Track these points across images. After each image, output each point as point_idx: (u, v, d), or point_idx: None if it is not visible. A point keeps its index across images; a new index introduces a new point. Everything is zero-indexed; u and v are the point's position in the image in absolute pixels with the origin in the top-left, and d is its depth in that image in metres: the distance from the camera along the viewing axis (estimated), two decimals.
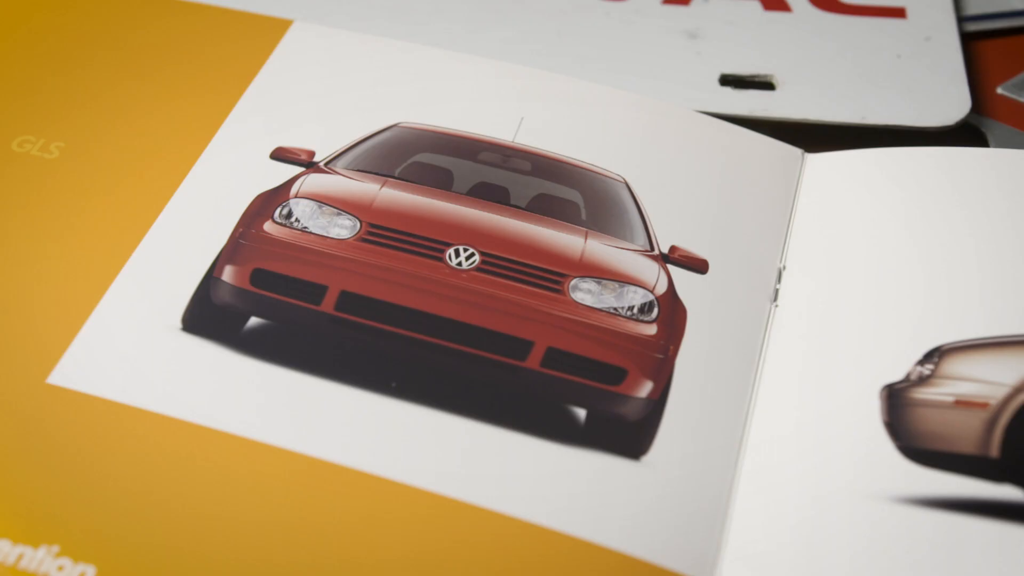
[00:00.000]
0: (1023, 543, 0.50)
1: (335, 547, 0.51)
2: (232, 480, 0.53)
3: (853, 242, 0.63)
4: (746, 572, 0.51)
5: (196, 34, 0.73)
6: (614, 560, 0.51)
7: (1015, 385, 0.54)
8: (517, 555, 0.52)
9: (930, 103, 0.70)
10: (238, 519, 0.52)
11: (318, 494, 0.53)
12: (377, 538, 0.52)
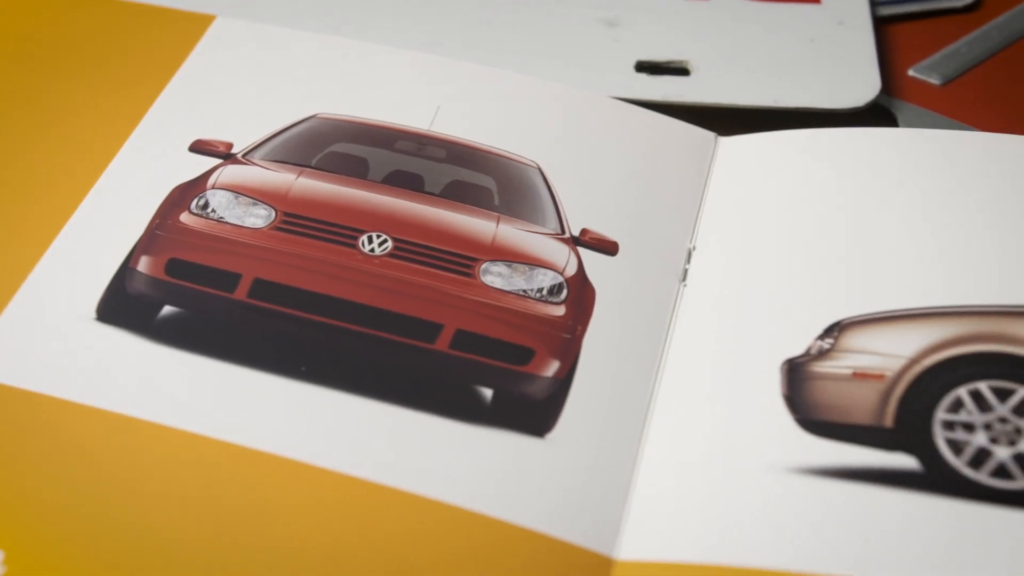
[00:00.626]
0: (916, 509, 0.52)
1: (250, 530, 0.52)
2: (145, 466, 0.54)
3: (763, 222, 0.64)
4: (648, 545, 0.52)
5: (115, 29, 0.73)
6: (517, 535, 0.52)
7: (911, 357, 0.55)
8: (425, 533, 0.52)
9: (841, 85, 0.71)
10: (151, 503, 0.53)
11: (232, 478, 0.54)
12: (292, 520, 0.52)
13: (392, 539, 0.53)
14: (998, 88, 0.73)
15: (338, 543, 0.52)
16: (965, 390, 0.54)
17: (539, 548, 0.52)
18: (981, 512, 0.51)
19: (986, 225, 0.63)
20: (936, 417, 0.54)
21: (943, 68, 0.74)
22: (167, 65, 0.72)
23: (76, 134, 0.68)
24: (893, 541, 0.51)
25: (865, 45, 0.73)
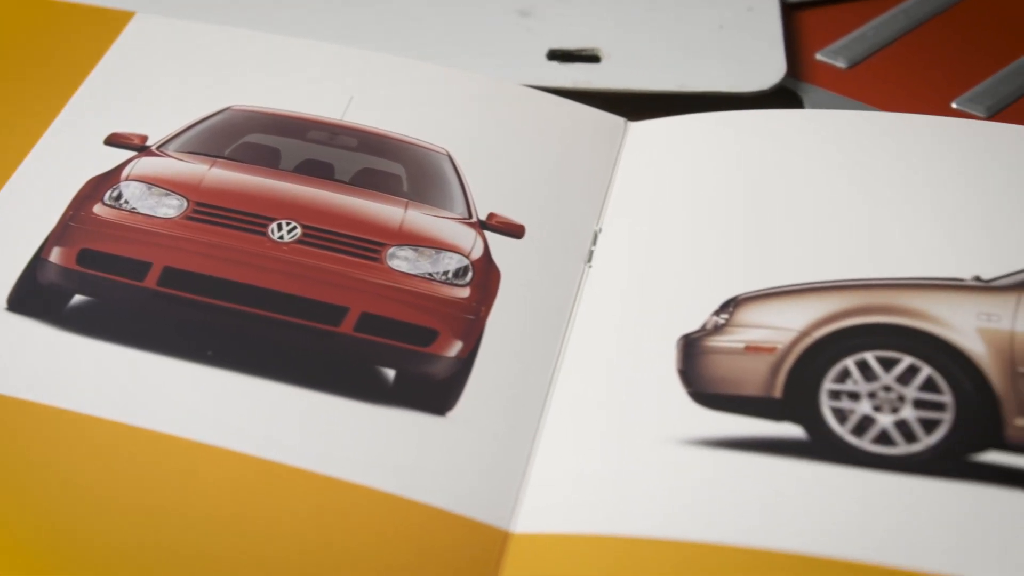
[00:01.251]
0: (804, 475, 0.53)
1: (157, 510, 0.53)
2: (54, 452, 0.55)
3: (669, 203, 0.66)
4: (544, 518, 0.53)
5: (33, 25, 0.74)
6: (417, 511, 0.53)
7: (802, 330, 0.57)
8: (329, 511, 0.53)
9: (748, 70, 0.73)
10: (59, 489, 0.53)
11: (140, 462, 0.55)
12: (200, 501, 0.53)
13: (298, 518, 0.53)
14: (901, 70, 0.75)
15: (246, 522, 0.53)
16: (852, 360, 0.56)
17: (437, 524, 0.53)
18: (865, 477, 0.53)
19: (885, 201, 0.65)
20: (823, 387, 0.55)
21: (849, 52, 0.76)
22: (85, 61, 0.73)
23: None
24: (783, 507, 0.52)
25: (772, 30, 0.75)
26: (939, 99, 0.73)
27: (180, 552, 0.52)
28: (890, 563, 0.50)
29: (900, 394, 0.55)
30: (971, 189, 0.65)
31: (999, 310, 0.56)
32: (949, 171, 0.66)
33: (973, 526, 0.51)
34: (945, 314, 0.56)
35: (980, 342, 0.55)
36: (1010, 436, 0.54)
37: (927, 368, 0.55)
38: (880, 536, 0.51)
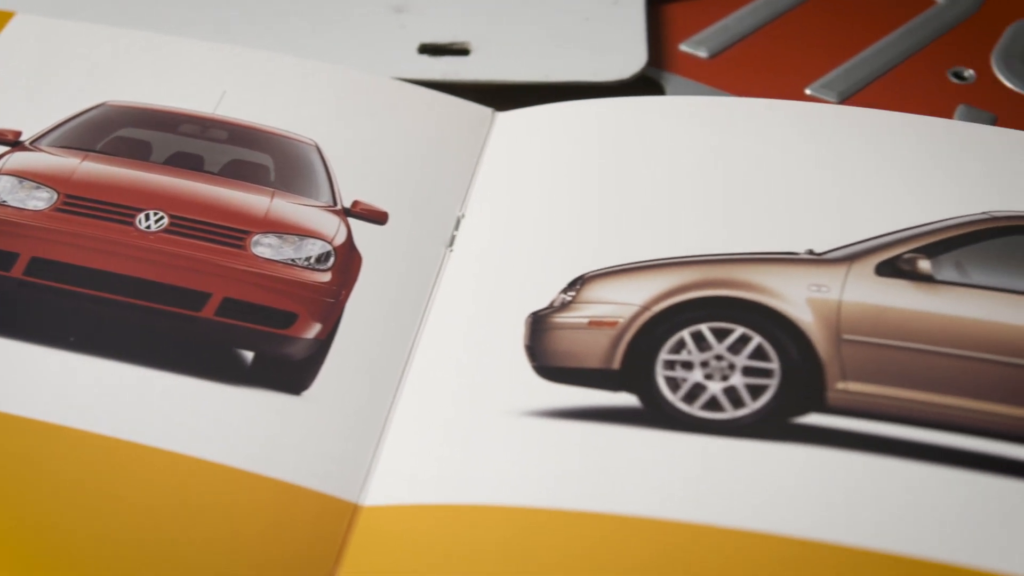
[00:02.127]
0: (637, 442, 0.55)
1: (16, 494, 0.55)
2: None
3: (530, 188, 0.68)
4: (394, 490, 0.55)
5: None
6: (271, 487, 0.55)
7: (643, 304, 0.59)
8: (186, 490, 0.55)
9: (611, 60, 0.75)
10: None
11: (9, 449, 0.56)
12: (64, 484, 0.55)
13: (155, 496, 0.55)
14: (759, 59, 0.78)
15: (105, 500, 0.55)
16: (688, 332, 0.58)
17: (287, 498, 0.55)
18: (695, 441, 0.55)
19: (740, 181, 0.67)
20: (659, 358, 0.58)
21: (710, 43, 0.78)
22: None
23: None
24: (619, 472, 0.54)
25: (636, 23, 0.77)
26: (794, 85, 0.76)
27: (28, 528, 0.54)
28: (721, 523, 0.53)
29: (731, 362, 0.58)
30: (821, 168, 0.68)
31: (828, 281, 0.59)
32: (800, 151, 0.68)
33: (796, 485, 0.53)
34: (777, 286, 0.59)
35: (808, 311, 0.58)
36: (831, 399, 0.57)
37: (757, 337, 0.58)
38: (710, 497, 0.53)
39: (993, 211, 0.63)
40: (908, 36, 0.79)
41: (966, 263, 0.60)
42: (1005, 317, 0.58)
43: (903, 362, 0.57)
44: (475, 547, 0.54)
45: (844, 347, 0.58)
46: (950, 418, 0.56)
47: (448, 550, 0.54)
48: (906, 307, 0.58)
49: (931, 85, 0.76)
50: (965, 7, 0.80)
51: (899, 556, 0.52)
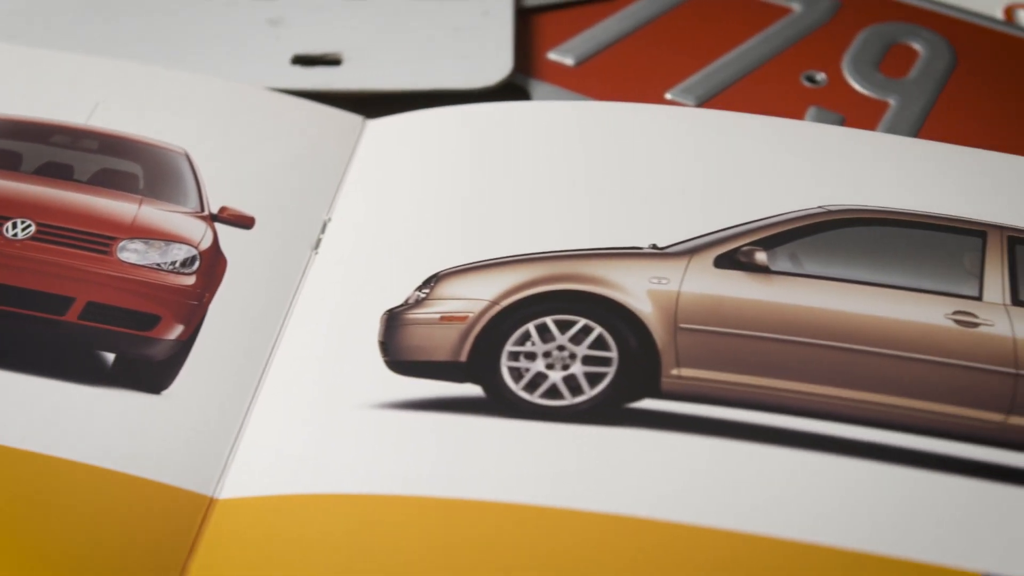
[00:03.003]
0: (481, 430, 0.57)
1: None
2: None
3: (395, 191, 0.70)
4: (250, 483, 0.57)
5: None
6: (126, 483, 0.57)
7: (492, 299, 0.61)
8: (47, 489, 0.57)
9: (478, 67, 0.78)
10: None
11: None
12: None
13: (16, 498, 0.57)
14: (623, 65, 0.80)
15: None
16: (533, 325, 0.61)
17: (146, 494, 0.57)
18: (536, 428, 0.58)
19: (602, 180, 0.69)
20: (504, 350, 0.60)
21: (577, 50, 0.81)
22: None
23: None
24: (469, 459, 0.56)
25: (503, 32, 0.80)
26: (655, 90, 0.79)
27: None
28: (565, 505, 0.55)
29: (572, 352, 0.60)
30: (677, 167, 0.70)
31: (669, 274, 0.62)
32: (659, 152, 0.71)
33: (634, 467, 0.56)
34: (619, 279, 0.61)
35: (648, 303, 0.61)
36: (665, 385, 0.59)
37: (598, 328, 0.60)
38: (556, 481, 0.55)
39: (829, 205, 0.66)
40: (765, 43, 0.82)
41: (801, 254, 0.63)
42: (834, 304, 0.61)
43: (736, 348, 0.60)
44: (326, 534, 0.55)
45: (680, 335, 0.60)
46: (780, 400, 0.59)
47: (300, 538, 0.55)
48: (741, 296, 0.61)
49: (785, 88, 0.79)
50: (820, 15, 0.84)
51: (736, 533, 0.54)
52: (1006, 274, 0.62)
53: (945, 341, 0.59)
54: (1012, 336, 0.60)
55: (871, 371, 0.59)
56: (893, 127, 0.76)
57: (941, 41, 0.82)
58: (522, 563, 0.54)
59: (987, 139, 0.75)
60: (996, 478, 0.55)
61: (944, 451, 0.57)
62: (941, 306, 0.61)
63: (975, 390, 0.58)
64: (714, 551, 0.53)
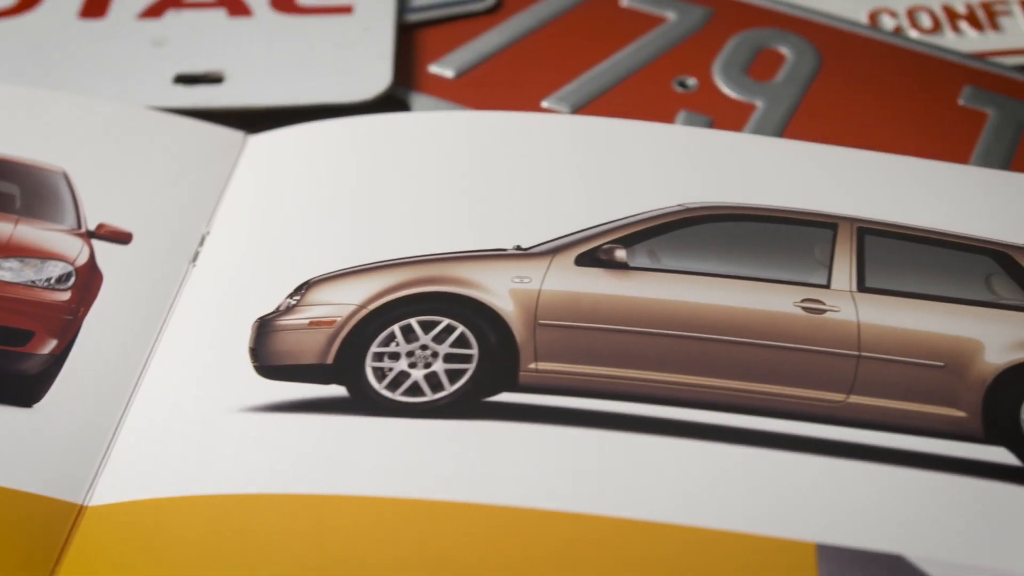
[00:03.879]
0: (344, 428, 0.59)
1: None
2: None
3: (274, 205, 0.71)
4: (120, 489, 0.58)
5: None
6: (1, 496, 0.58)
7: (359, 303, 0.63)
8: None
9: (358, 82, 0.80)
10: None
11: None
12: None
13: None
14: (501, 76, 0.82)
15: None
16: (398, 326, 0.62)
17: (16, 504, 0.58)
18: (400, 424, 0.59)
19: (479, 183, 0.71)
20: (369, 351, 0.62)
21: (457, 62, 0.83)
22: None
23: None
24: (337, 456, 0.58)
25: (384, 47, 0.82)
26: (532, 99, 0.81)
27: None
28: (426, 496, 0.56)
29: (434, 351, 0.62)
30: (549, 171, 0.72)
31: (531, 273, 0.64)
32: (533, 158, 0.73)
33: (491, 458, 0.57)
34: (483, 279, 0.63)
35: (510, 301, 0.63)
36: (523, 378, 0.61)
37: (460, 327, 0.62)
38: (415, 474, 0.57)
39: (688, 203, 0.68)
40: (639, 51, 0.84)
41: (659, 251, 0.65)
42: (688, 296, 0.63)
43: (592, 341, 0.62)
44: (194, 536, 0.56)
45: (539, 331, 0.62)
46: (633, 388, 0.61)
47: (168, 539, 0.56)
48: (600, 292, 0.63)
49: (657, 94, 0.81)
50: (693, 23, 0.87)
51: (590, 516, 0.56)
52: (854, 263, 0.65)
53: (792, 328, 0.62)
54: (856, 321, 0.62)
55: (721, 358, 0.61)
56: (759, 128, 0.79)
57: (807, 45, 0.85)
58: (390, 554, 0.55)
59: (849, 137, 0.77)
60: (833, 454, 0.57)
61: (784, 430, 0.59)
62: (790, 295, 0.63)
63: (819, 372, 0.61)
64: (571, 534, 0.54)
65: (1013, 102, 0.81)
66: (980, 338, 0.62)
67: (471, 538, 0.54)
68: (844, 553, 0.52)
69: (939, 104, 0.81)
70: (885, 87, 0.83)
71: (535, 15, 0.88)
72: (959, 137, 0.79)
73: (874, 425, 0.60)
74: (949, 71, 0.84)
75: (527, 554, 0.53)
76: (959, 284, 0.65)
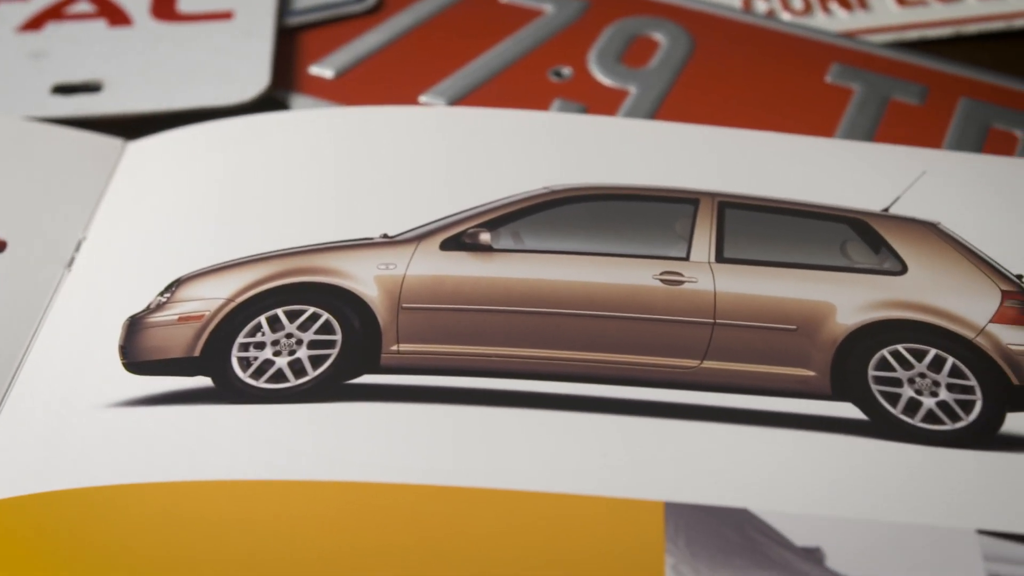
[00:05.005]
0: (213, 417, 0.60)
1: None
2: None
3: (150, 208, 0.72)
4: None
5: None
6: None
7: (227, 297, 0.64)
8: None
9: (237, 85, 0.80)
10: None
11: None
12: None
13: None
14: (380, 74, 0.84)
15: None
16: (264, 317, 0.63)
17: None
18: (266, 409, 0.60)
19: (354, 177, 0.72)
20: (236, 342, 0.62)
21: (337, 63, 0.84)
22: None
23: None
24: (201, 445, 0.58)
25: (262, 50, 0.83)
26: (410, 95, 0.82)
27: None
28: (291, 478, 0.57)
29: (299, 338, 0.63)
30: (422, 161, 0.73)
31: (396, 259, 0.65)
32: (404, 148, 0.74)
33: (350, 437, 0.58)
34: (348, 268, 0.64)
35: (375, 287, 0.64)
36: (384, 360, 0.62)
37: (325, 314, 0.63)
38: (265, 456, 0.57)
39: (553, 185, 0.69)
40: (516, 44, 0.86)
41: (524, 232, 0.66)
42: (550, 275, 0.64)
43: (453, 321, 0.63)
44: (66, 529, 0.57)
45: (403, 314, 0.63)
46: (491, 364, 0.62)
47: (38, 535, 0.57)
48: (463, 275, 0.64)
49: (533, 84, 0.83)
50: (570, 14, 0.88)
51: (451, 488, 0.57)
52: (714, 236, 0.66)
53: (650, 300, 0.63)
54: (713, 290, 0.64)
55: (578, 331, 0.62)
56: (631, 112, 0.80)
57: (681, 32, 0.87)
58: (248, 536, 0.56)
59: (719, 117, 0.79)
60: (685, 417, 0.59)
61: (640, 397, 0.61)
62: (650, 268, 0.65)
63: (675, 341, 0.62)
64: (430, 506, 0.55)
65: (878, 77, 0.84)
66: (833, 301, 0.64)
67: (329, 515, 0.55)
68: (691, 509, 0.54)
69: (807, 82, 0.83)
70: (756, 68, 0.85)
71: (415, 14, 0.89)
72: (825, 112, 0.81)
73: (727, 388, 0.61)
74: (818, 50, 0.86)
75: (386, 528, 0.54)
76: (816, 251, 0.67)
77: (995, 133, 0.80)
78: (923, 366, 0.63)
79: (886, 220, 0.68)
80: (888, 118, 0.81)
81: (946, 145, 0.79)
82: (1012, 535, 0.55)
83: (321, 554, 0.55)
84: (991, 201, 0.73)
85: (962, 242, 0.68)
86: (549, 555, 0.53)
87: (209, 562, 0.54)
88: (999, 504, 0.56)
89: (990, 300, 0.65)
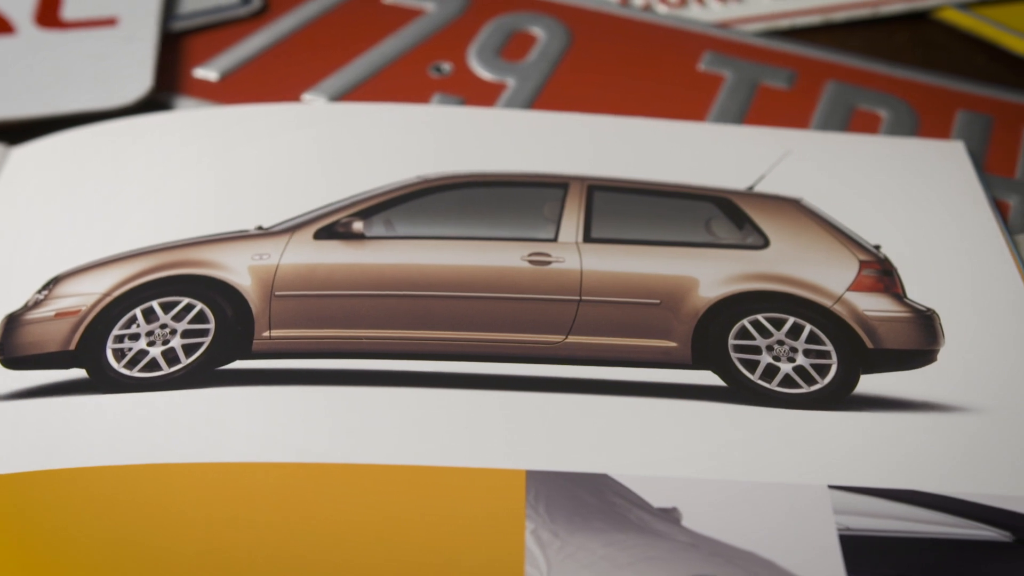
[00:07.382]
0: (93, 406, 0.60)
1: None
2: None
3: (33, 210, 0.73)
4: None
5: None
6: None
7: (104, 292, 0.65)
8: None
9: (119, 89, 0.81)
10: None
11: None
12: None
13: None
14: (265, 74, 0.85)
15: None
16: (139, 309, 0.64)
17: None
18: (143, 397, 0.61)
19: (236, 173, 0.73)
20: (111, 335, 0.63)
21: (221, 65, 0.85)
22: None
23: None
24: (72, 434, 0.59)
25: (145, 55, 0.84)
26: (293, 93, 0.83)
27: None
28: (163, 460, 0.58)
29: (173, 328, 0.64)
30: (299, 155, 0.74)
31: (270, 250, 0.66)
32: (280, 144, 0.75)
33: (221, 420, 0.59)
34: (223, 259, 0.65)
35: (248, 277, 0.65)
36: (256, 346, 0.64)
37: (199, 304, 0.64)
38: (136, 442, 0.58)
39: (426, 175, 0.71)
40: (398, 41, 0.87)
41: (396, 220, 0.68)
42: (420, 259, 0.66)
43: (324, 307, 0.64)
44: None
45: (275, 302, 0.65)
46: (361, 347, 0.64)
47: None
48: (335, 262, 0.66)
49: (413, 80, 0.84)
50: (451, 12, 0.90)
51: (318, 464, 0.58)
52: (582, 217, 0.68)
53: (517, 280, 0.65)
54: (579, 269, 0.66)
55: (445, 312, 0.64)
56: (510, 103, 0.82)
57: (559, 26, 0.89)
58: (114, 517, 0.56)
59: (594, 106, 0.81)
60: (551, 389, 0.60)
61: (505, 372, 0.62)
62: (518, 250, 0.66)
63: (541, 318, 0.64)
64: (302, 483, 0.56)
65: (748, 64, 0.86)
66: (696, 275, 0.66)
67: (207, 496, 0.56)
68: (552, 476, 0.56)
69: (680, 70, 0.86)
70: (631, 58, 0.87)
71: (300, 15, 0.90)
72: (697, 98, 0.84)
73: (591, 361, 0.63)
74: (691, 40, 0.88)
75: (263, 504, 0.55)
76: (681, 229, 0.69)
77: (860, 114, 0.83)
78: (781, 334, 0.66)
79: (749, 197, 0.71)
80: (757, 102, 0.84)
81: (813, 126, 0.82)
82: (861, 488, 0.57)
83: (200, 532, 0.55)
84: (852, 177, 0.76)
85: (823, 216, 0.71)
86: (417, 524, 0.55)
87: (90, 545, 0.55)
88: (849, 460, 0.58)
89: (848, 270, 0.68)
